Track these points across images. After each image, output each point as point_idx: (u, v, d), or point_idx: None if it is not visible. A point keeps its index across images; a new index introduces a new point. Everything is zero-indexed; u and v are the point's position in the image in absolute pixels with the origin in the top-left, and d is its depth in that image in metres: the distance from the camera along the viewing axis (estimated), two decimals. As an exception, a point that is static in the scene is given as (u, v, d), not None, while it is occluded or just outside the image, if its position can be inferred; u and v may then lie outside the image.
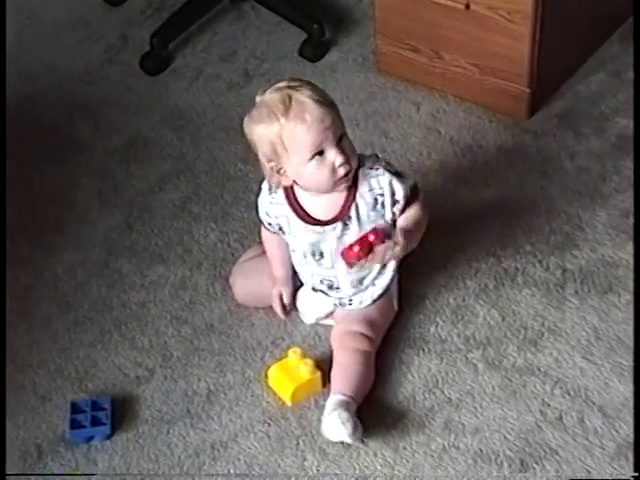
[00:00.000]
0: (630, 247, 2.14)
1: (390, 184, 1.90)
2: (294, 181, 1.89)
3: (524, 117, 2.47)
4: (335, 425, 1.81)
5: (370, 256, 1.86)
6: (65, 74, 2.80)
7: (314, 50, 2.75)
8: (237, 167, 2.45)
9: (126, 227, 2.33)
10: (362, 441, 1.86)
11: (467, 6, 2.37)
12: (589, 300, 2.07)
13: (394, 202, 1.91)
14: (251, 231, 2.27)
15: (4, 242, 2.23)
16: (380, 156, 1.98)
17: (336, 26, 2.84)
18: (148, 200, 2.40)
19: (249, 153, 2.39)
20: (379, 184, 1.90)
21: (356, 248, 1.84)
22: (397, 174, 1.92)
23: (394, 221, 1.93)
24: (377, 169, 1.91)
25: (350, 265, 1.88)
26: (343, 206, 1.91)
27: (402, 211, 1.93)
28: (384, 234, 1.86)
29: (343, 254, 1.87)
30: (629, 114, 2.41)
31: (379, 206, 1.92)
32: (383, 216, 1.92)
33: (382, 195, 1.91)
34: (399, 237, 1.86)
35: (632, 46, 2.50)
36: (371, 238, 1.85)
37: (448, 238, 2.17)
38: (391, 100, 2.59)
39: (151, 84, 2.75)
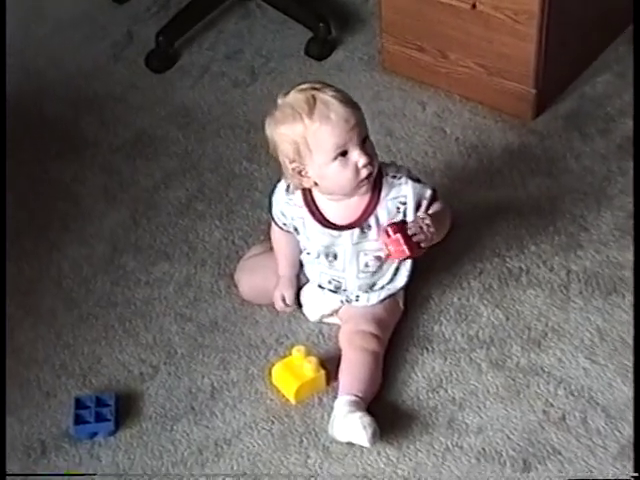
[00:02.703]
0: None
1: (414, 191, 1.90)
2: (315, 183, 1.88)
3: (530, 118, 2.47)
4: (355, 428, 1.80)
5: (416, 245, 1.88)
6: (71, 70, 2.80)
7: (320, 49, 2.75)
8: (242, 165, 2.45)
9: (131, 224, 2.33)
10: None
11: (473, 6, 2.37)
12: (593, 301, 2.07)
13: (418, 206, 1.91)
14: (255, 229, 2.28)
15: (4, 242, 2.23)
16: (399, 164, 1.99)
17: (342, 25, 2.84)
18: (153, 197, 2.40)
19: (254, 151, 2.44)
20: (403, 192, 1.90)
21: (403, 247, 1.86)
22: (418, 181, 1.93)
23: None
24: (400, 177, 1.91)
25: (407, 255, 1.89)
26: (363, 212, 1.91)
27: (425, 211, 1.93)
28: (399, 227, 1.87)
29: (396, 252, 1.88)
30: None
31: (401, 215, 1.91)
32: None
33: (404, 204, 1.90)
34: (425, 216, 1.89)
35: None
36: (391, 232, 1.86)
37: (453, 238, 2.16)
38: (397, 99, 2.59)
39: (157, 81, 2.75)
